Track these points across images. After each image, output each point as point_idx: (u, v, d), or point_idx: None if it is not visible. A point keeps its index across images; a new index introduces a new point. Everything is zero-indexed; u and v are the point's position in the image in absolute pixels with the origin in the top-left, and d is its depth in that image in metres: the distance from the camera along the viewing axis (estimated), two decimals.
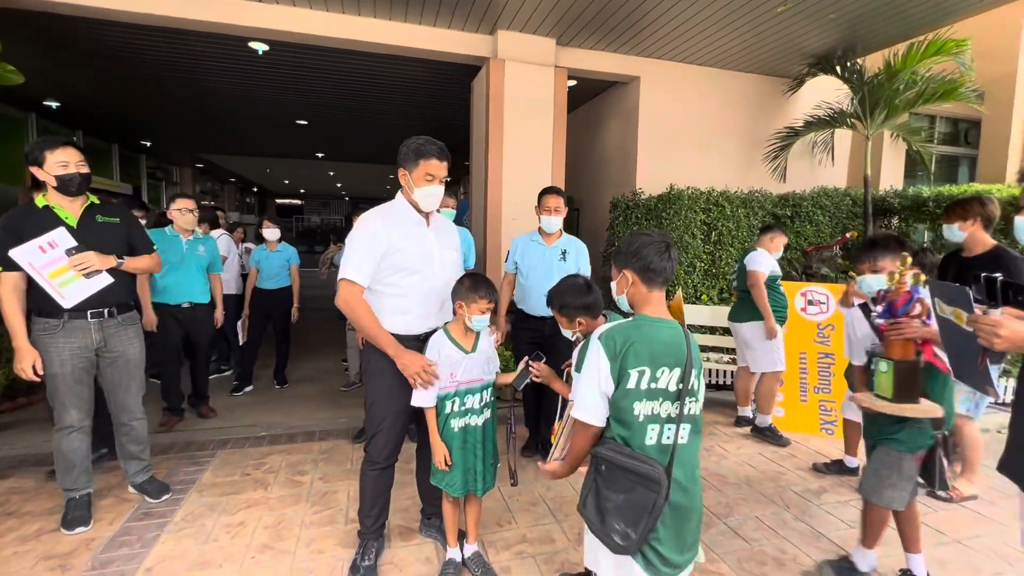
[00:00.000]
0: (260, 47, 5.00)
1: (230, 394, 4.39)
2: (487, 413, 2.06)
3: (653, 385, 1.33)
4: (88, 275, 2.29)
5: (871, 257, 2.09)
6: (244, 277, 4.82)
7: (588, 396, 1.37)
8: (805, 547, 2.35)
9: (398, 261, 1.95)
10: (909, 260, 1.98)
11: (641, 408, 1.33)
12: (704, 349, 4.66)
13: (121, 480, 2.73)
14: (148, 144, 10.40)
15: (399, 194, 2.05)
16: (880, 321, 1.97)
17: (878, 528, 2.11)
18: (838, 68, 5.26)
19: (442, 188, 2.00)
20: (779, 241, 3.74)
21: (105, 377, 2.46)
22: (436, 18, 4.52)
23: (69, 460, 2.36)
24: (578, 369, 1.50)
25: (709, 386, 4.61)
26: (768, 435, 3.60)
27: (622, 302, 1.51)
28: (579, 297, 1.81)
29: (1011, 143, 6.79)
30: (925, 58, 4.81)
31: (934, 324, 1.72)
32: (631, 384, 1.32)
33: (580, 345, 1.73)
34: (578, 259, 3.14)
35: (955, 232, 2.79)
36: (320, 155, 11.88)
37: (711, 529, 2.48)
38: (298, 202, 27.72)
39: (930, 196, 5.31)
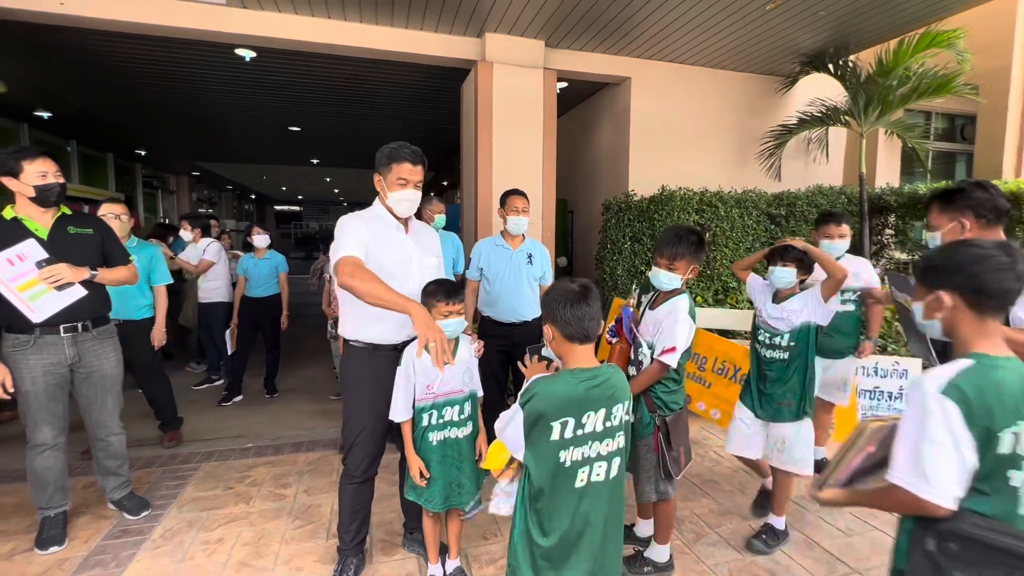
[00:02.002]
0: (247, 54, 4.96)
1: (218, 404, 4.33)
2: (469, 426, 2.00)
3: None
4: (60, 288, 2.23)
5: (670, 254, 2.03)
6: (234, 285, 4.78)
7: (941, 470, 1.02)
8: (799, 557, 2.28)
9: (376, 266, 1.90)
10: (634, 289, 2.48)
11: (1021, 476, 1.05)
12: None
13: (100, 496, 2.67)
14: (143, 153, 10.39)
15: (376, 200, 2.01)
16: (608, 337, 2.24)
17: (665, 523, 2.16)
18: (831, 66, 5.22)
19: (417, 193, 1.96)
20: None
21: (80, 393, 2.40)
22: (423, 22, 4.48)
23: (42, 479, 2.30)
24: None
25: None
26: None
27: (933, 327, 1.23)
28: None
29: (1007, 137, 6.72)
30: (917, 52, 4.76)
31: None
32: (1005, 448, 1.03)
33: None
34: (543, 262, 3.11)
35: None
36: (315, 161, 11.84)
37: (702, 539, 2.42)
38: (297, 208, 27.73)
39: (927, 193, 5.25)
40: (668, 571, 2.16)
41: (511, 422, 1.38)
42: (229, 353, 4.44)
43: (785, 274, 2.28)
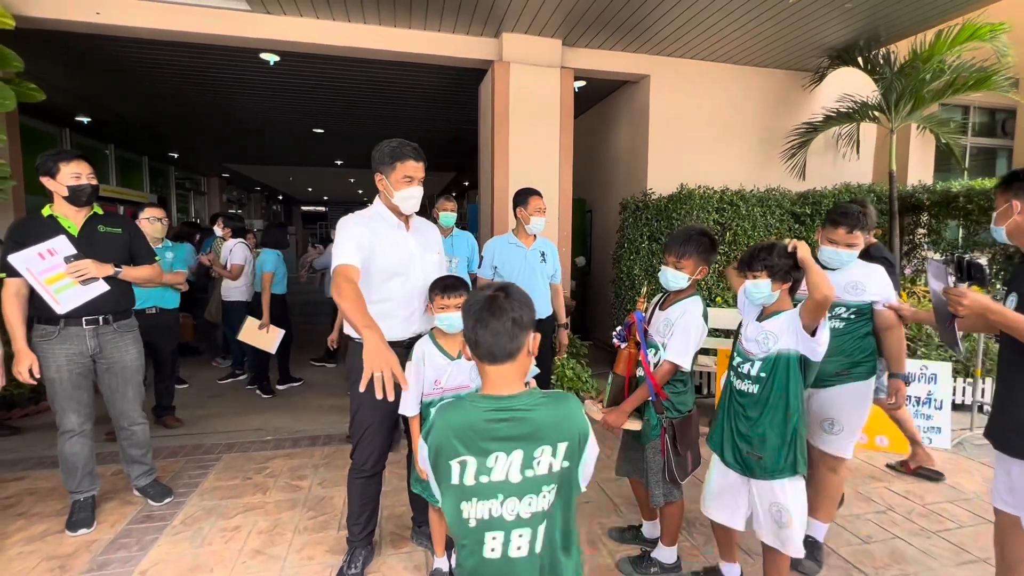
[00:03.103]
0: (271, 58, 5.10)
1: (271, 396, 4.56)
2: None
3: None
4: (84, 282, 2.35)
5: (678, 252, 1.97)
6: None
7: None
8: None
9: (380, 264, 1.94)
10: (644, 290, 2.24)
11: None
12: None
13: (127, 483, 2.78)
14: (176, 156, 10.78)
15: (377, 199, 2.04)
16: (616, 341, 2.12)
17: (672, 525, 2.12)
18: (860, 59, 5.05)
19: (421, 190, 1.99)
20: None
21: (103, 383, 2.52)
22: (440, 23, 4.53)
23: (71, 463, 2.42)
24: None
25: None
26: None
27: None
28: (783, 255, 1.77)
29: None
30: (956, 44, 4.57)
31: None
32: None
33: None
34: (554, 260, 3.14)
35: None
36: (339, 162, 12.08)
37: (711, 542, 2.37)
38: (323, 209, 28.33)
39: (960, 191, 5.04)
40: (675, 572, 2.14)
41: (425, 460, 1.09)
42: (274, 352, 4.44)
43: (755, 288, 1.80)
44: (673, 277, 2.00)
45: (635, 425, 2.06)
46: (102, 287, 2.41)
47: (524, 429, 1.04)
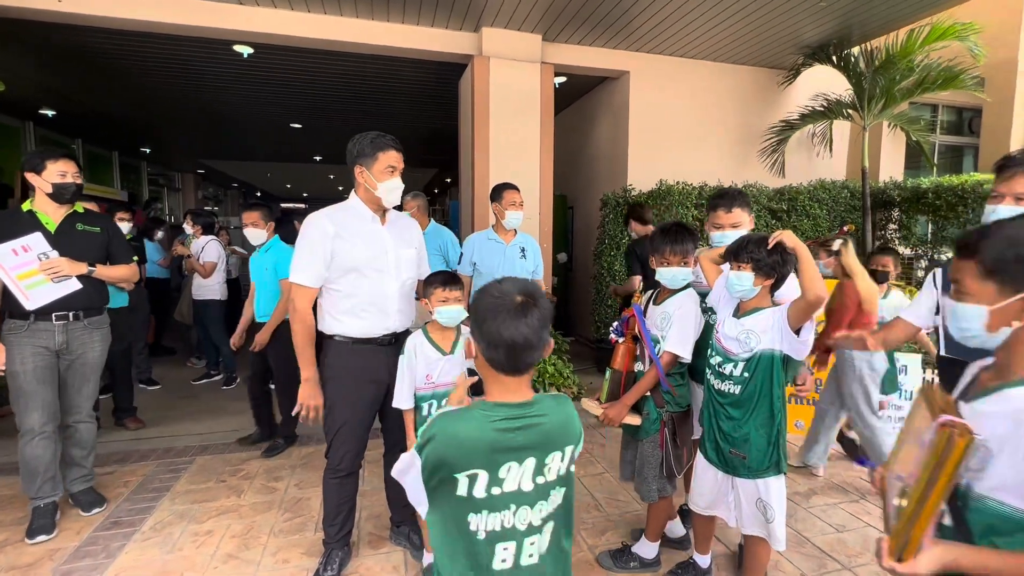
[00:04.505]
0: (245, 50, 4.97)
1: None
2: None
3: None
4: (57, 280, 2.33)
5: (682, 250, 1.94)
6: (229, 283, 4.81)
7: None
8: (787, 552, 2.26)
9: (350, 261, 1.89)
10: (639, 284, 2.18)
11: None
12: None
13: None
14: (148, 151, 10.47)
15: (352, 193, 1.99)
16: (613, 336, 2.11)
17: (658, 521, 2.13)
18: (834, 58, 5.15)
19: (401, 181, 1.95)
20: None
21: (62, 379, 2.45)
22: (419, 16, 4.46)
23: (32, 467, 2.33)
24: None
25: None
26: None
27: None
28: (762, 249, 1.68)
29: (1013, 131, 6.60)
30: (927, 44, 4.68)
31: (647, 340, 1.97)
32: None
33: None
34: (535, 256, 3.13)
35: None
36: (318, 158, 11.87)
37: (688, 531, 2.40)
38: (303, 207, 27.92)
39: (930, 187, 5.17)
40: (655, 567, 2.15)
41: (410, 469, 1.00)
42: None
43: (738, 280, 1.73)
44: (683, 274, 1.97)
45: (634, 420, 2.03)
46: (75, 285, 2.39)
47: (538, 437, 1.01)
